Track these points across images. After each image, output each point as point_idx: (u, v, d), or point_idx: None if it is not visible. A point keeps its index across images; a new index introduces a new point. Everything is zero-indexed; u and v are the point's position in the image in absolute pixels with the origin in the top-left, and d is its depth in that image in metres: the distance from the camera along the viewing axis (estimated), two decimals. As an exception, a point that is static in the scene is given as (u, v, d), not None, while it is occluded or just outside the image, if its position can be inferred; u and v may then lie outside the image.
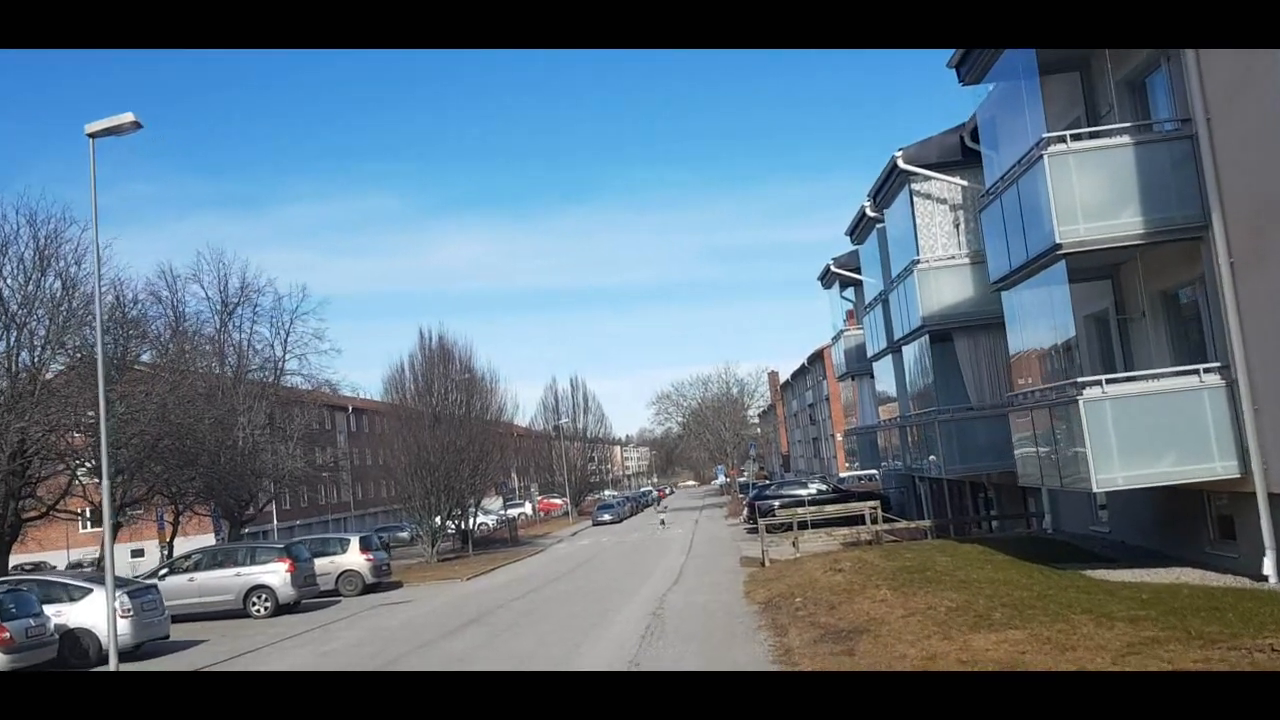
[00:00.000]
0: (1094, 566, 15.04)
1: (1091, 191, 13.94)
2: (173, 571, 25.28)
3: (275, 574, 24.51)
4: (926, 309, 21.80)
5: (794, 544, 22.78)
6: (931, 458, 22.59)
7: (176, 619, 24.11)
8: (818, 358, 71.61)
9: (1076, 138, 14.10)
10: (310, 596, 26.00)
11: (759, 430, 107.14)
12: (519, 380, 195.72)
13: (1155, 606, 10.35)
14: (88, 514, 33.28)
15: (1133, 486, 13.84)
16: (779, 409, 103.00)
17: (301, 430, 38.84)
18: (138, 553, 48.98)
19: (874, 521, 23.54)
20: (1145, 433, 13.55)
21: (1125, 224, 13.80)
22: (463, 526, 46.51)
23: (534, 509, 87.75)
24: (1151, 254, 14.70)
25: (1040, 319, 15.73)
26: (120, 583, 19.65)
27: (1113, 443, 13.46)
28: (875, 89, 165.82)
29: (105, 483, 15.94)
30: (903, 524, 22.97)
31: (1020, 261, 15.22)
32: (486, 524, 61.39)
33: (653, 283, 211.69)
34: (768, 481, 61.14)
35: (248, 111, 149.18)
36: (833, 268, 33.60)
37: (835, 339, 35.51)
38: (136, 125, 14.59)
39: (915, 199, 22.17)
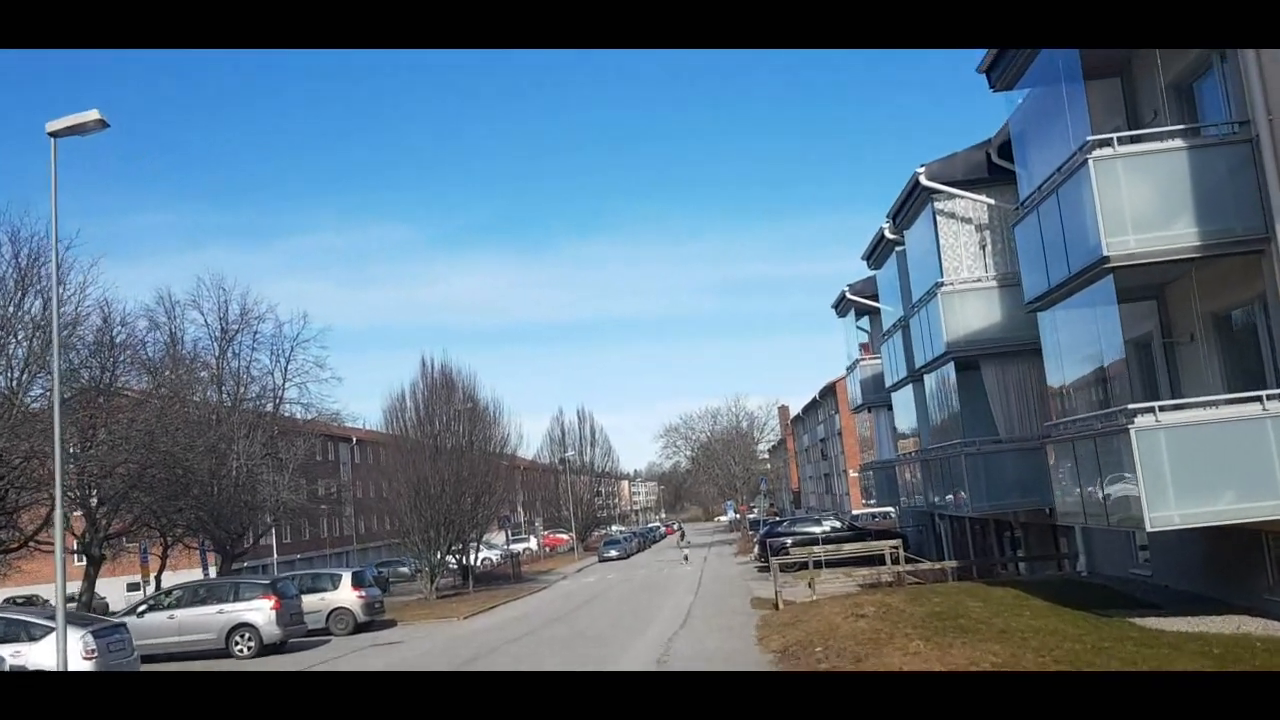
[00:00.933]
0: (1141, 614, 13.65)
1: (1142, 200, 12.72)
2: (153, 608, 23.93)
3: (259, 611, 23.17)
4: (951, 335, 20.53)
5: (810, 585, 21.38)
6: (956, 494, 21.23)
7: (155, 659, 22.90)
8: (830, 391, 70.32)
9: (1125, 141, 12.88)
10: (298, 636, 24.65)
11: (769, 466, 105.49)
12: (526, 414, 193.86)
13: (1230, 663, 9.01)
14: (75, 546, 32.09)
15: (1190, 526, 12.48)
16: (789, 443, 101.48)
17: (298, 460, 37.48)
18: (134, 586, 47.59)
19: (895, 562, 22.13)
20: (1203, 466, 12.21)
21: (1179, 235, 12.56)
22: (464, 562, 45.16)
23: (539, 544, 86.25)
24: (1204, 271, 13.45)
25: (1082, 341, 14.46)
26: (86, 621, 18.42)
27: (1167, 477, 12.12)
28: (891, 120, 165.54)
29: (58, 510, 14.67)
30: (926, 565, 21.57)
31: (1060, 278, 13.96)
32: (490, 559, 60.00)
33: (661, 316, 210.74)
34: (779, 518, 59.55)
35: (257, 143, 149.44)
36: (848, 295, 32.36)
37: (850, 369, 34.21)
38: (102, 124, 13.50)
39: (939, 218, 20.97)
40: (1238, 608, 13.37)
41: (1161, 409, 12.36)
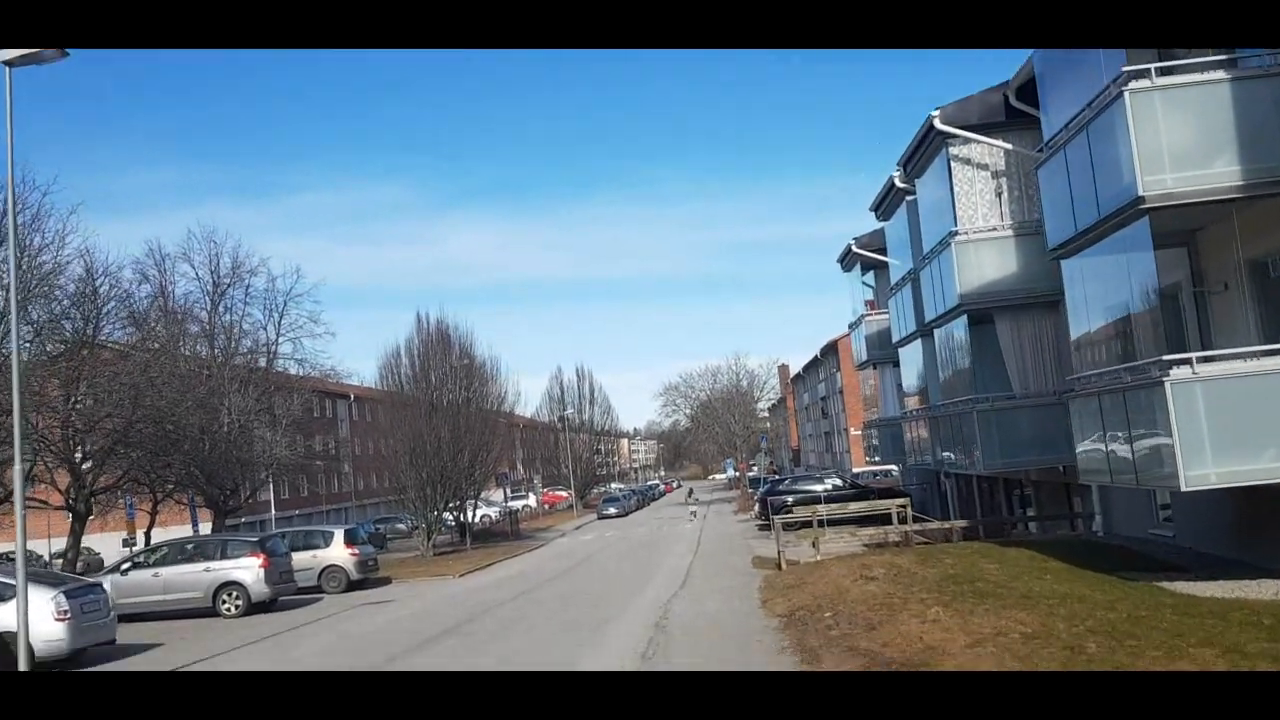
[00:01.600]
0: (1168, 577, 12.89)
1: (1180, 135, 11.80)
2: (137, 566, 23.23)
3: (247, 570, 22.48)
4: (965, 286, 19.64)
5: (814, 544, 20.67)
6: (967, 451, 20.44)
7: (139, 618, 22.28)
8: (831, 349, 69.50)
9: (1162, 73, 11.91)
10: (287, 594, 23.99)
11: (768, 424, 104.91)
12: (526, 374, 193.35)
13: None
14: (62, 502, 31.39)
15: (1227, 485, 11.70)
16: (789, 402, 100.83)
17: (291, 416, 36.73)
18: (130, 543, 47.02)
19: (902, 521, 21.39)
20: (1243, 422, 11.40)
21: (1220, 174, 11.65)
22: (461, 519, 44.62)
23: (538, 502, 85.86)
24: (1243, 214, 12.54)
25: (1111, 290, 13.55)
26: (58, 580, 17.73)
27: (1204, 433, 11.33)
28: (892, 85, 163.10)
29: (17, 458, 13.86)
30: (934, 524, 20.85)
31: (1089, 222, 13.05)
32: (490, 516, 59.57)
33: (661, 277, 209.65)
34: (777, 476, 58.91)
35: (258, 99, 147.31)
36: (854, 248, 31.39)
37: (855, 324, 33.32)
38: (62, 53, 12.52)
39: (953, 165, 19.99)
40: (1273, 571, 12.61)
41: (1200, 360, 11.53)
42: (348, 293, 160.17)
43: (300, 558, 26.57)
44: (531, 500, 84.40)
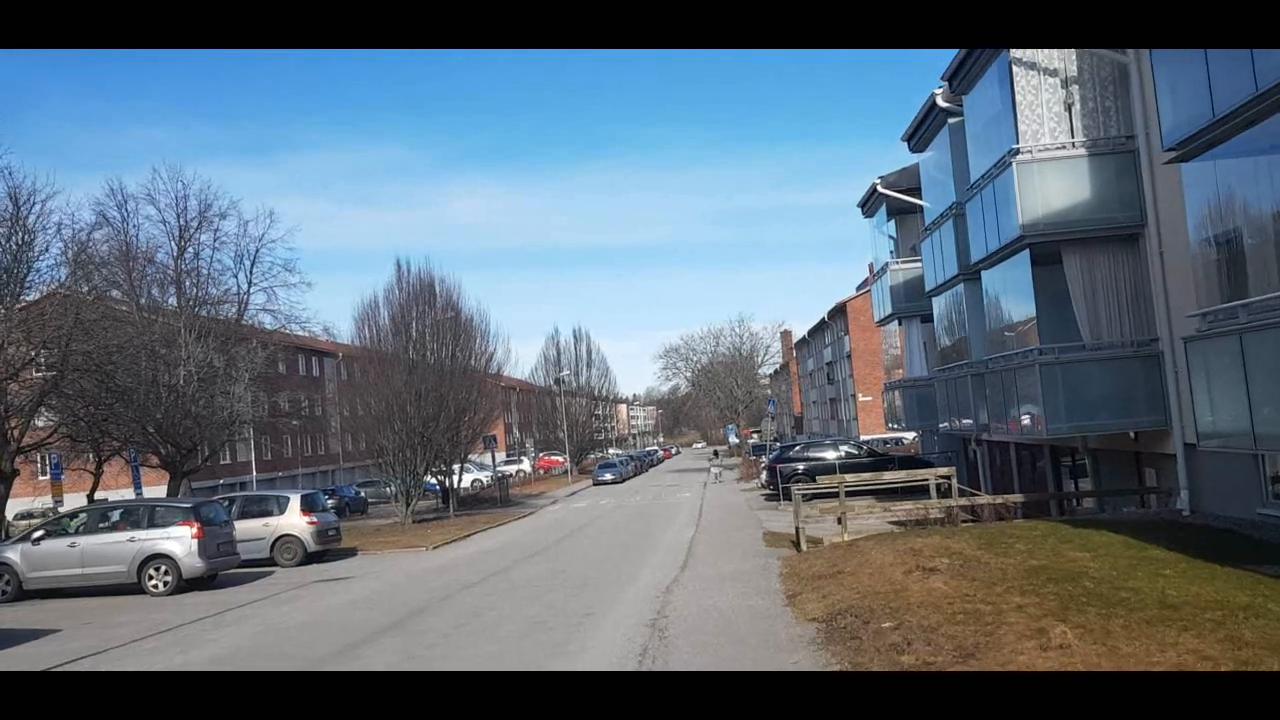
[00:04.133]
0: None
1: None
2: (51, 534, 20.06)
3: (178, 540, 19.34)
4: (1028, 215, 16.36)
5: (840, 520, 17.49)
6: (1024, 414, 17.23)
7: (54, 595, 19.29)
8: (840, 311, 66.25)
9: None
10: (229, 567, 20.90)
11: (769, 391, 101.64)
12: (526, 339, 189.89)
13: None
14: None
15: None
16: (793, 367, 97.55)
17: (254, 370, 33.42)
18: (52, 511, 43.81)
19: (943, 494, 18.19)
20: None
21: None
22: (446, 484, 41.55)
23: (533, 467, 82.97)
24: None
25: (1258, 195, 10.27)
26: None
27: None
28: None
29: None
30: (984, 498, 17.61)
31: (1245, 98, 9.71)
32: (481, 480, 56.53)
33: (666, 243, 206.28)
34: (778, 443, 55.64)
35: (259, 58, 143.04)
36: (879, 188, 27.94)
37: (879, 274, 29.93)
38: None
39: (1015, 70, 16.66)
40: None
41: None
42: (349, 255, 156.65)
43: (250, 526, 23.55)
44: (526, 465, 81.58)
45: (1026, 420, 17.17)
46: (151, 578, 19.26)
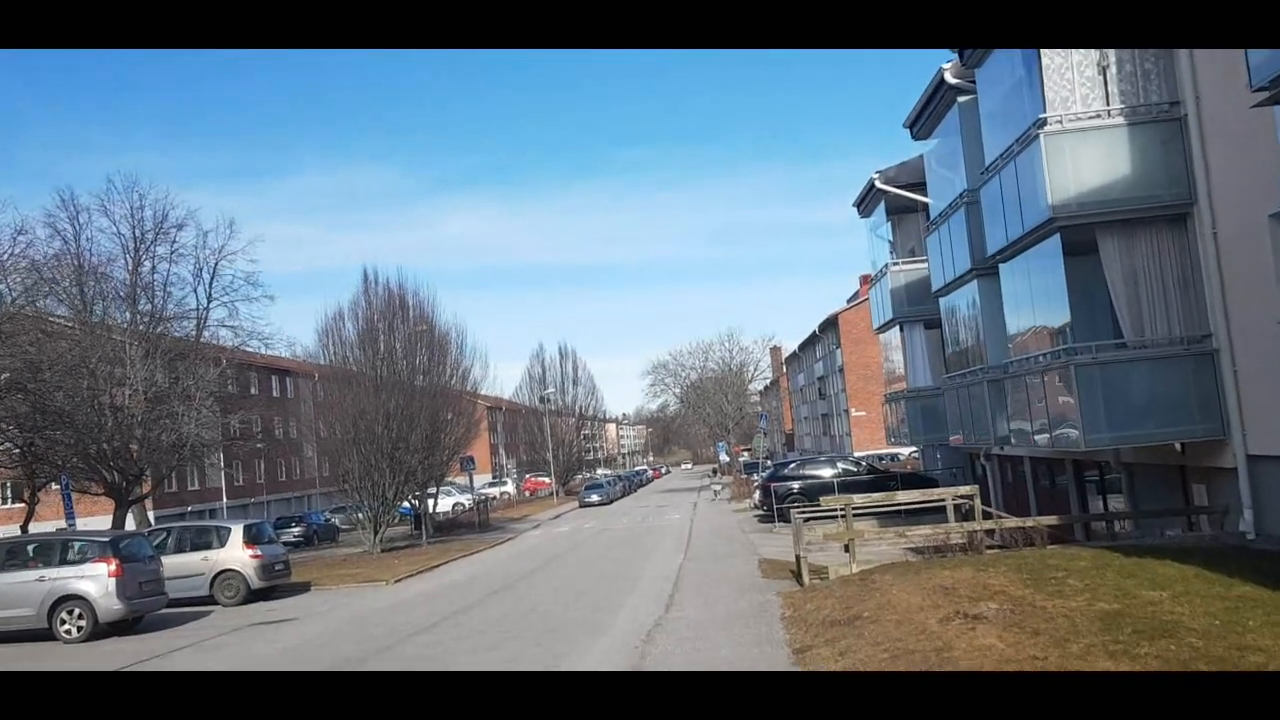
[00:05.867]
0: None
1: None
2: (-49, 574, 17.63)
3: (93, 579, 16.98)
4: (1058, 195, 14.22)
5: (847, 549, 15.21)
6: (1055, 424, 15.01)
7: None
8: (831, 324, 64.26)
9: None
10: (155, 609, 18.47)
11: (759, 408, 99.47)
12: (512, 360, 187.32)
13: None
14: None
15: None
16: (783, 383, 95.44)
17: (206, 389, 31.02)
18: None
19: (965, 516, 15.94)
20: None
21: None
22: (419, 510, 39.16)
23: (517, 488, 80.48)
24: None
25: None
26: None
27: None
28: (883, 75, 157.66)
29: None
30: (1012, 521, 15.37)
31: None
32: (463, 504, 54.02)
33: (649, 262, 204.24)
34: (769, 461, 53.41)
35: (247, 83, 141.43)
36: (878, 184, 25.79)
37: (878, 277, 27.74)
38: None
39: (1040, 30, 14.49)
40: None
41: None
42: (336, 276, 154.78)
43: (188, 561, 21.22)
44: (510, 487, 79.05)
45: (1059, 431, 14.96)
46: (64, 622, 16.89)
